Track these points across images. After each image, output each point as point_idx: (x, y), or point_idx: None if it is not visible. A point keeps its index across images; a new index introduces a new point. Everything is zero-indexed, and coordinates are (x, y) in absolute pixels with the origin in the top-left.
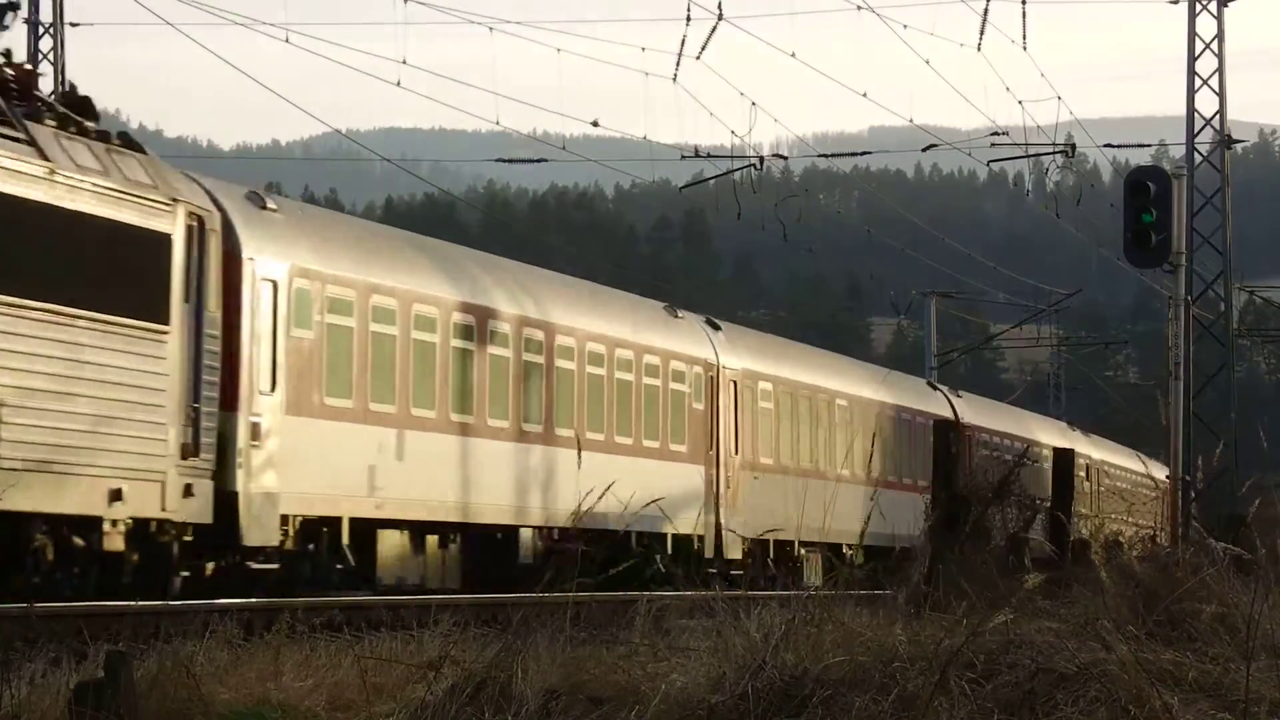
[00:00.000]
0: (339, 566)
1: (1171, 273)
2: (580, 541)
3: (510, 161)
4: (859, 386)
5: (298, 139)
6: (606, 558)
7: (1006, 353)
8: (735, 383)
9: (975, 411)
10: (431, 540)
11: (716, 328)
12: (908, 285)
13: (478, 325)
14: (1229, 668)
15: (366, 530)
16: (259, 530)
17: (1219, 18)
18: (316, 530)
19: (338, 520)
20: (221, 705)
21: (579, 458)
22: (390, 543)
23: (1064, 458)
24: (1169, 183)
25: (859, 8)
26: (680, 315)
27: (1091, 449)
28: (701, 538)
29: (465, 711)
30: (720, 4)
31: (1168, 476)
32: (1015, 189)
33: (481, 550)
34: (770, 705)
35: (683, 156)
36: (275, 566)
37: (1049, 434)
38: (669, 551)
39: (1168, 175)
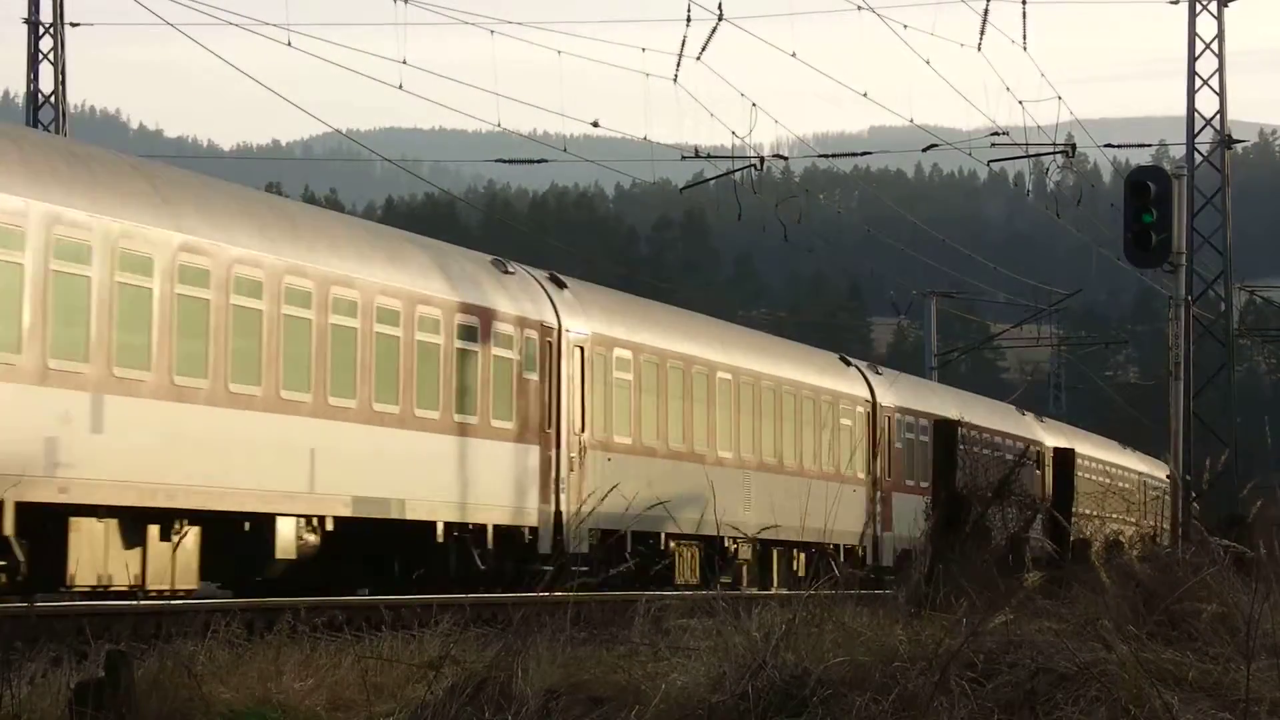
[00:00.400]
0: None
1: (1172, 273)
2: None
3: (510, 162)
4: (748, 358)
5: (298, 139)
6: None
7: (1007, 353)
8: (582, 349)
9: (897, 392)
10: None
11: (561, 285)
12: (908, 285)
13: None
14: (1229, 667)
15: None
16: None
17: (1219, 18)
18: None
19: None
20: (222, 705)
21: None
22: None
23: (1064, 457)
24: (1169, 183)
25: (859, 8)
26: (511, 270)
27: (1046, 434)
28: (534, 529)
29: (465, 711)
30: (720, 4)
31: (1168, 476)
32: (1015, 189)
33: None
34: (770, 705)
35: (683, 157)
36: None
37: (987, 416)
38: (489, 546)
39: (1168, 175)
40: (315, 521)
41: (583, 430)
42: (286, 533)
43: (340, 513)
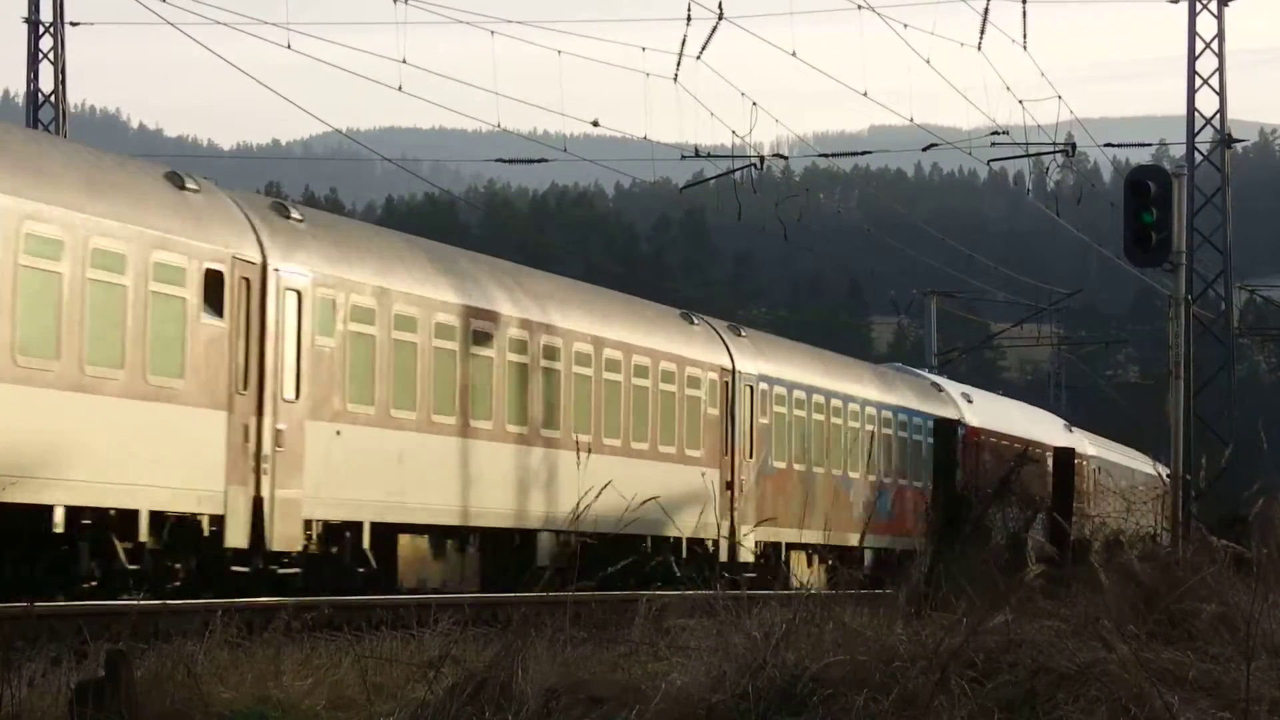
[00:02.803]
0: None
1: (1171, 272)
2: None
3: (510, 161)
4: (561, 314)
5: (298, 139)
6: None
7: (1007, 352)
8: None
9: (763, 358)
10: None
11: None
12: (908, 285)
13: None
14: (1229, 667)
15: None
16: None
17: (1219, 17)
18: None
19: None
20: (221, 705)
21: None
22: None
23: (1064, 457)
24: (1169, 182)
25: (859, 7)
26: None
27: (917, 401)
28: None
29: (465, 711)
30: (720, 4)
31: (1169, 476)
32: (1015, 188)
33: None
34: (771, 704)
35: (683, 156)
36: None
37: (865, 387)
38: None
39: (1168, 175)
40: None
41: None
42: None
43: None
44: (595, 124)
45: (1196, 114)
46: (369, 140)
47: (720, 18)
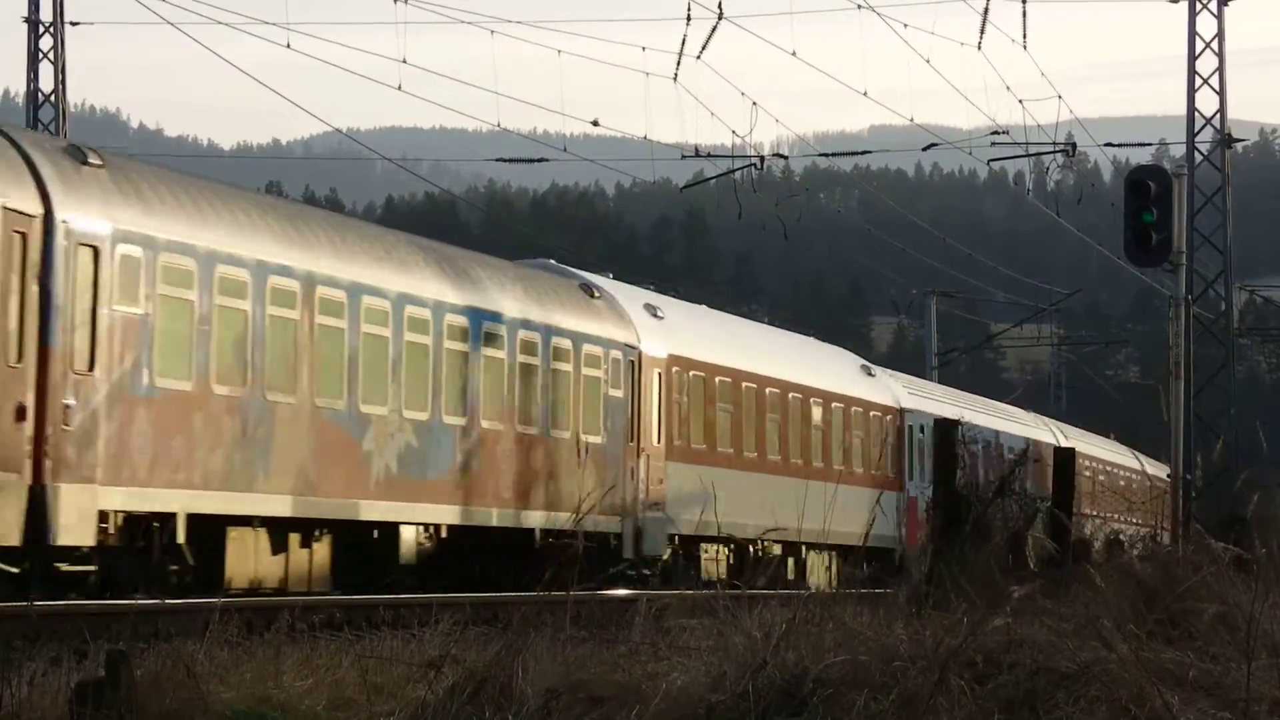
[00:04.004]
0: None
1: (1172, 272)
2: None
3: (511, 161)
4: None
5: (298, 139)
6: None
7: (1007, 352)
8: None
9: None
10: None
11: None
12: (908, 285)
13: None
14: (1229, 667)
15: None
16: None
17: (1219, 17)
18: None
19: None
20: (221, 705)
21: None
22: None
23: (1064, 456)
24: (1169, 182)
25: (859, 7)
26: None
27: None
28: None
29: (466, 710)
30: (720, 4)
31: (1169, 475)
32: (1015, 188)
33: None
34: (771, 704)
35: (683, 156)
36: None
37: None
38: None
39: (1168, 174)
40: None
41: None
42: None
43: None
44: (595, 124)
45: (1196, 114)
46: (369, 140)
47: (720, 18)
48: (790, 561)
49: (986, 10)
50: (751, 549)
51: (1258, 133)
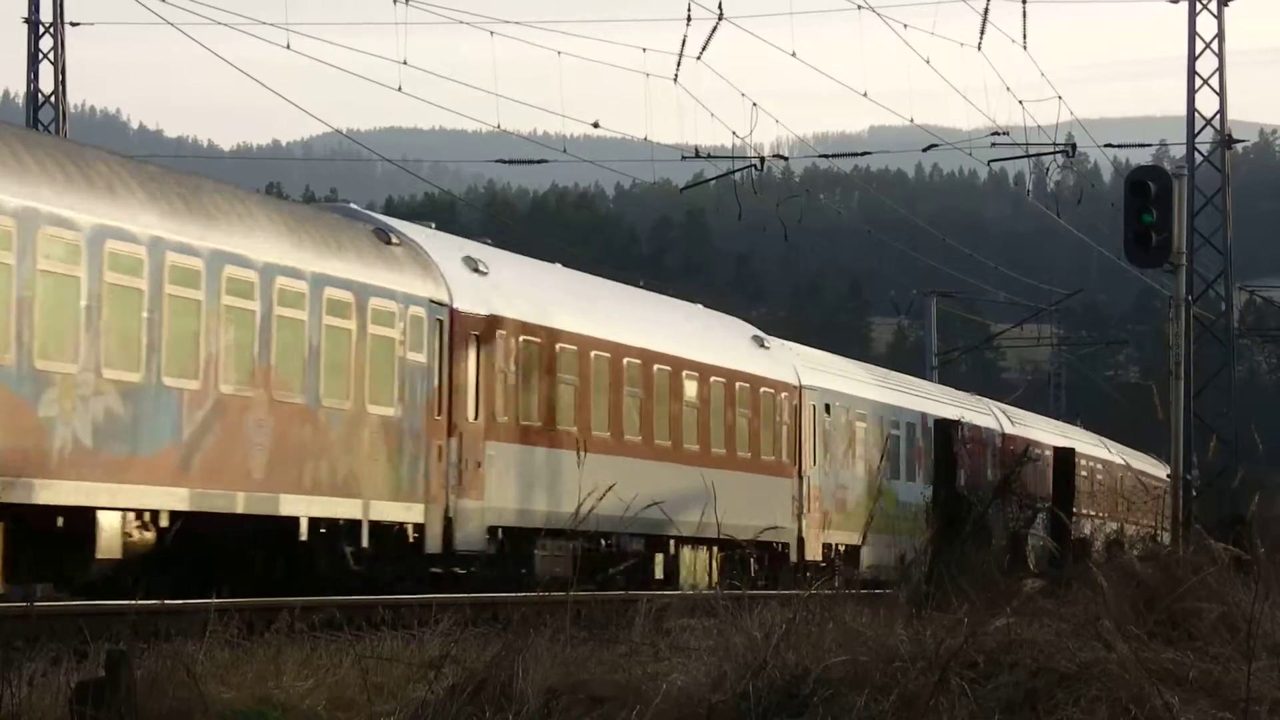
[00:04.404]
0: None
1: (1172, 272)
2: None
3: (511, 162)
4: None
5: (298, 139)
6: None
7: (1007, 352)
8: None
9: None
10: None
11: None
12: (908, 285)
13: None
14: (1229, 667)
15: None
16: None
17: (1219, 17)
18: None
19: None
20: (222, 705)
21: None
22: None
23: (1064, 456)
24: (1169, 182)
25: (859, 7)
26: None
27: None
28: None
29: (466, 710)
30: (720, 4)
31: (1169, 475)
32: (1016, 189)
33: None
34: (771, 704)
35: (683, 157)
36: None
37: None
38: None
39: (1168, 175)
40: None
41: None
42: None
43: None
44: (595, 125)
45: (1196, 114)
46: (369, 141)
47: (720, 18)
48: (659, 558)
49: (986, 10)
50: (604, 543)
51: (1258, 133)
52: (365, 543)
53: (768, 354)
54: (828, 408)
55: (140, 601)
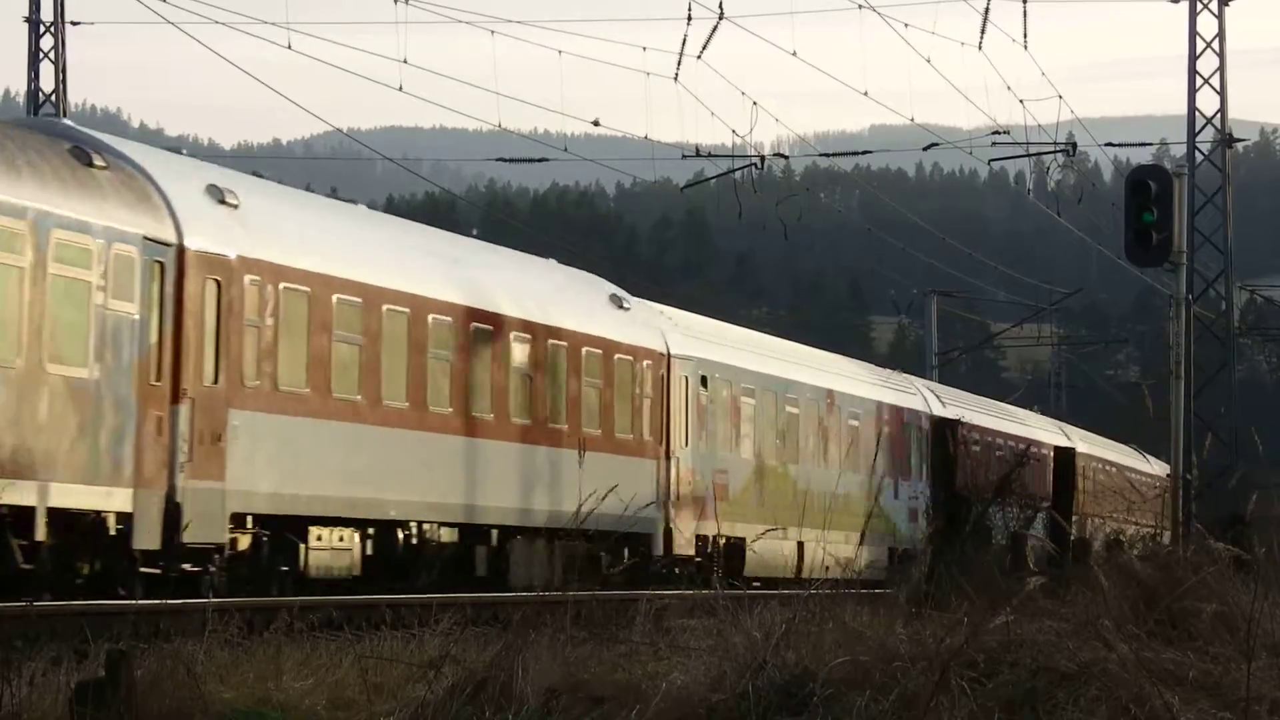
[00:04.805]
0: None
1: (1172, 272)
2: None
3: (511, 161)
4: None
5: (299, 138)
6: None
7: (1008, 352)
8: None
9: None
10: None
11: None
12: (908, 284)
13: None
14: (1229, 667)
15: None
16: None
17: (1220, 17)
18: None
19: None
20: (222, 705)
21: None
22: None
23: (1064, 457)
24: (1170, 182)
25: (860, 7)
26: None
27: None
28: None
29: (466, 710)
30: (721, 3)
31: (1169, 475)
32: (1016, 188)
33: None
34: (771, 704)
35: (684, 156)
36: None
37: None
38: None
39: (1169, 174)
40: None
41: None
42: None
43: None
44: (596, 124)
45: (1197, 114)
46: (370, 140)
47: (720, 18)
48: (481, 551)
49: (987, 10)
50: (402, 534)
51: (1258, 133)
52: (42, 535)
53: (627, 316)
54: (704, 380)
55: (140, 601)
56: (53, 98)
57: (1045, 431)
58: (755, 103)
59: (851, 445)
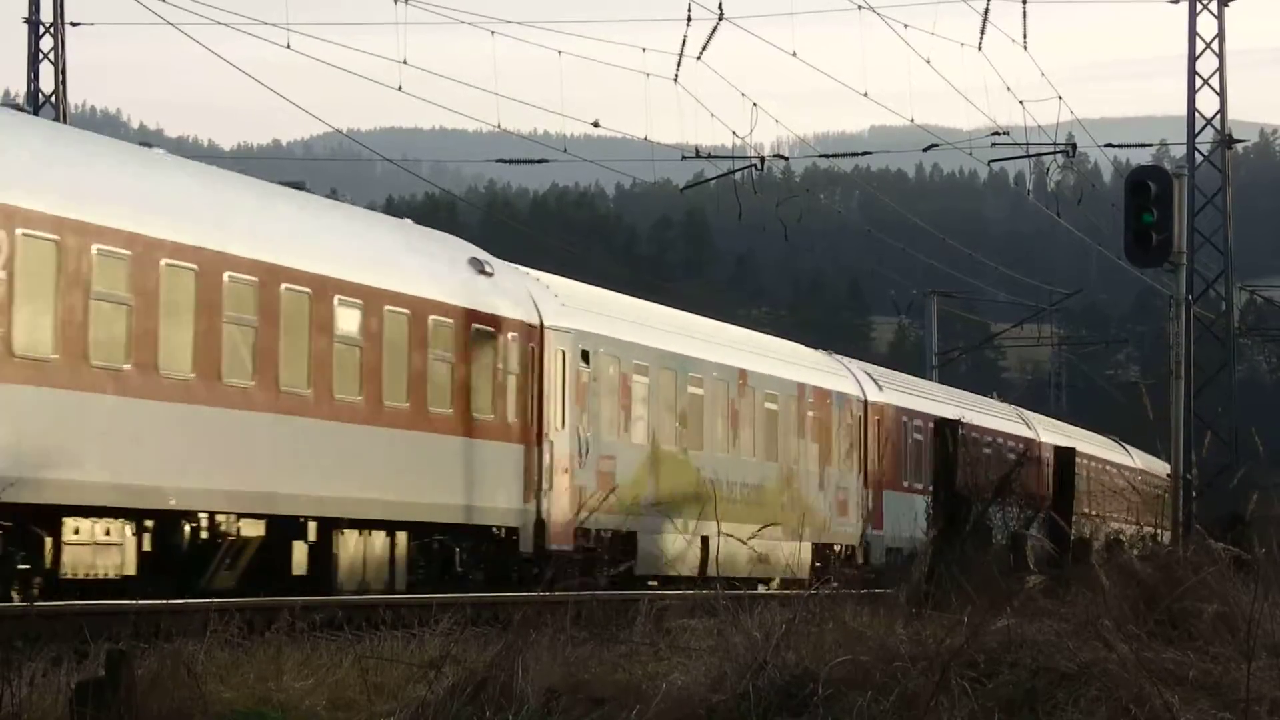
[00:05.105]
0: None
1: (1172, 272)
2: None
3: (511, 162)
4: None
5: (298, 139)
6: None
7: (1008, 352)
8: None
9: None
10: None
11: None
12: (908, 285)
13: None
14: (1229, 667)
15: None
16: None
17: (1219, 17)
18: None
19: None
20: (222, 705)
21: None
22: None
23: (1065, 457)
24: (1170, 182)
25: (859, 7)
26: None
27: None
28: None
29: (466, 710)
30: (721, 4)
31: (1169, 475)
32: (1016, 189)
33: None
34: (771, 704)
35: (683, 157)
36: None
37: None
38: None
39: (1169, 175)
40: None
41: None
42: None
43: None
44: (595, 124)
45: (1197, 114)
46: (369, 140)
47: (720, 18)
48: (299, 548)
49: (987, 11)
50: (189, 527)
51: (1258, 133)
52: None
53: (489, 282)
54: (586, 355)
55: (140, 601)
56: (52, 98)
57: (1009, 422)
58: (755, 103)
59: (767, 431)
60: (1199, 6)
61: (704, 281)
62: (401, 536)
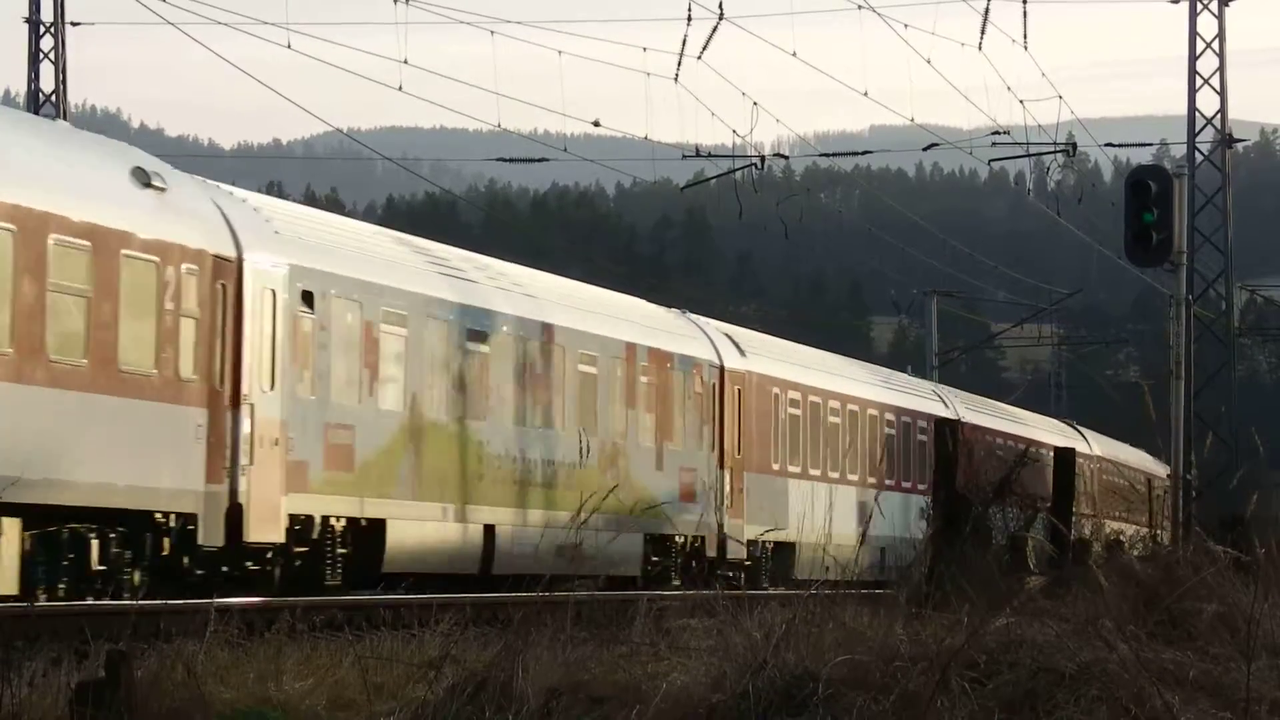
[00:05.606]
0: None
1: (1172, 272)
2: None
3: (511, 161)
4: None
5: (299, 138)
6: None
7: (1008, 352)
8: None
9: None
10: None
11: None
12: (908, 284)
13: None
14: (1229, 667)
15: None
16: None
17: (1220, 17)
18: None
19: None
20: (222, 705)
21: None
22: None
23: (1065, 457)
24: (1170, 182)
25: (859, 7)
26: None
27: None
28: None
29: (466, 710)
30: (721, 4)
31: (1168, 475)
32: (1016, 188)
33: None
34: (771, 704)
35: (684, 156)
36: None
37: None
38: None
39: (1169, 174)
40: None
41: None
42: None
43: None
44: (596, 124)
45: (1197, 114)
46: (370, 140)
47: (721, 18)
48: None
49: (987, 10)
50: None
51: (1258, 133)
52: None
53: (158, 198)
54: (308, 297)
55: (140, 601)
56: (53, 98)
57: (924, 399)
58: (755, 103)
59: (582, 399)
60: (1199, 6)
61: (704, 281)
62: (11, 524)
